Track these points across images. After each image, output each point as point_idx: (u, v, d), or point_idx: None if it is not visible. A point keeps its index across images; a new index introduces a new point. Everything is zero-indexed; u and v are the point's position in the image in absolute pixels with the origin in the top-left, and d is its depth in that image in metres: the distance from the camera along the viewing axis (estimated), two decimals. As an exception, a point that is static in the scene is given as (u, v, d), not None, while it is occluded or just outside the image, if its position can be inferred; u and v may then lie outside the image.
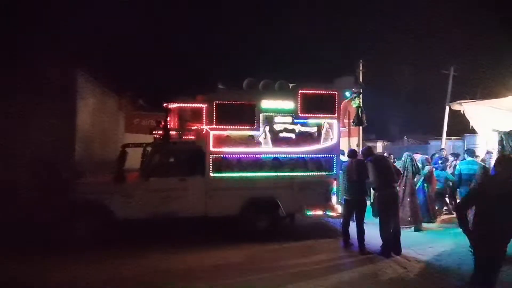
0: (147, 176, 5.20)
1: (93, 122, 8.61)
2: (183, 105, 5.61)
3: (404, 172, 6.10)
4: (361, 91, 6.21)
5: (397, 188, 5.11)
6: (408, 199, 6.09)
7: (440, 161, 7.35)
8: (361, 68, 14.06)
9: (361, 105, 6.24)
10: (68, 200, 4.92)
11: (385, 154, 8.38)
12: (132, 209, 5.05)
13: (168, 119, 5.45)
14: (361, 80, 12.77)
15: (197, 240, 5.31)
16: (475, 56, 14.75)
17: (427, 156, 7.19)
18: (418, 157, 6.89)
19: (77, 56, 7.67)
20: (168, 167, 5.64)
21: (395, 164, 6.14)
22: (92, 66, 8.30)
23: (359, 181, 5.02)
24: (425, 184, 6.66)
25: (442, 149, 8.95)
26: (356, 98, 6.10)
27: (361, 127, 12.43)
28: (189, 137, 5.55)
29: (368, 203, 5.34)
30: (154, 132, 6.05)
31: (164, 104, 5.49)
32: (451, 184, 6.99)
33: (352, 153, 5.38)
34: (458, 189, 6.26)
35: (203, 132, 5.41)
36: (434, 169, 7.00)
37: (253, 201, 5.37)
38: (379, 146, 20.42)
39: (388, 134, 24.98)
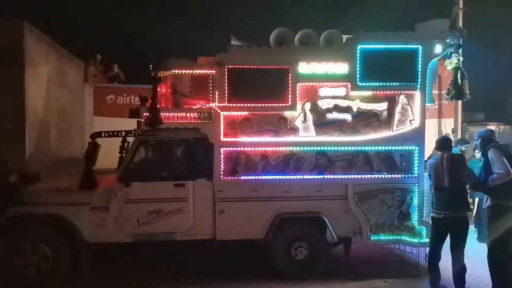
0: (128, 180, 5.39)
1: (49, 101, 9.00)
2: (180, 72, 5.71)
3: None
4: (461, 43, 6.07)
5: None
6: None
7: None
8: (461, 6, 13.47)
9: (461, 66, 6.11)
10: (17, 214, 5.21)
11: None
12: (108, 228, 5.29)
13: (158, 94, 5.58)
14: (460, 25, 12.25)
15: (204, 274, 5.47)
16: None
17: None
18: None
19: (24, 4, 7.93)
20: (158, 166, 5.83)
21: None
22: (46, 18, 8.53)
23: (454, 189, 4.93)
24: None
25: None
26: (453, 56, 6.00)
27: (460, 102, 11.99)
28: (189, 122, 5.66)
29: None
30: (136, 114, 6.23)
31: (152, 73, 5.62)
32: None
33: (443, 143, 5.24)
34: None
35: (210, 113, 5.51)
36: None
37: (286, 217, 5.45)
38: (491, 133, 19.64)
39: (506, 113, 23.99)
